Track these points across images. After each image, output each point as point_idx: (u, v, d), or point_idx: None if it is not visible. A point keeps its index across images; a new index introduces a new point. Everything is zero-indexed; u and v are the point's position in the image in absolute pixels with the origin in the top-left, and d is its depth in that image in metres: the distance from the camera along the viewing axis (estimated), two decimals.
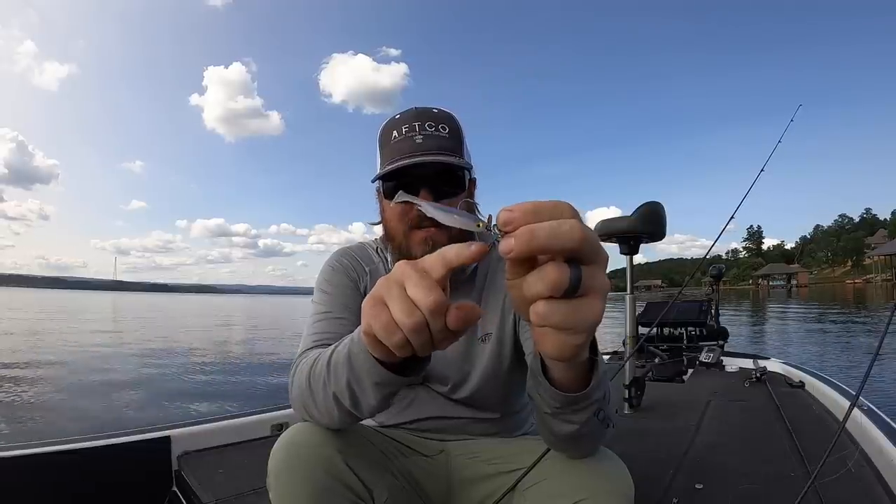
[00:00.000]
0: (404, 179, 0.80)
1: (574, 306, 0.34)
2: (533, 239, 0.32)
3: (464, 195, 0.84)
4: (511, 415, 0.92)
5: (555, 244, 0.32)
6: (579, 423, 0.56)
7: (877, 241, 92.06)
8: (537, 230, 0.32)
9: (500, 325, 0.85)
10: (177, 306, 41.60)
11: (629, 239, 2.06)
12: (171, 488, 1.46)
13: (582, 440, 0.62)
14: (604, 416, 0.56)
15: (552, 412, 0.55)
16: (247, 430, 1.70)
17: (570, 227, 0.32)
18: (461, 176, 0.83)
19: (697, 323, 3.58)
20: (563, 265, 0.33)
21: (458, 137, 0.84)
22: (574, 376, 0.51)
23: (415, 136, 0.80)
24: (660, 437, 1.75)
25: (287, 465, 0.65)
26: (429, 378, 0.87)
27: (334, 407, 0.61)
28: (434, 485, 0.82)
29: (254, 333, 15.04)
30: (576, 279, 0.33)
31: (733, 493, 1.28)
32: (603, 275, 0.35)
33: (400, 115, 0.84)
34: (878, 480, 1.30)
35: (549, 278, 0.33)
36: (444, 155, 0.79)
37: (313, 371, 0.63)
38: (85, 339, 11.76)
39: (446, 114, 0.84)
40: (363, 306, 0.43)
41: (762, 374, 2.56)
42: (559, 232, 0.32)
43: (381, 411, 0.61)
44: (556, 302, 0.33)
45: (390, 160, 0.80)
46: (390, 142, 0.81)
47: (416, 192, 0.78)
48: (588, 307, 0.34)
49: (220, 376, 6.71)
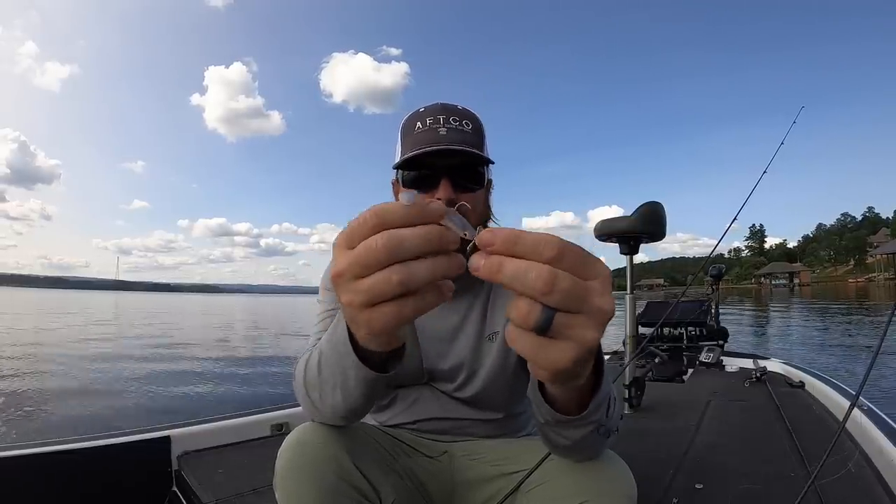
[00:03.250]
0: (425, 171, 0.80)
1: (541, 344, 0.33)
2: (498, 273, 0.31)
3: (482, 192, 0.84)
4: (514, 416, 0.92)
5: (516, 286, 0.31)
6: (573, 440, 0.56)
7: (879, 240, 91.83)
8: (505, 267, 0.31)
9: (507, 325, 0.85)
10: (179, 306, 41.67)
11: (629, 239, 2.06)
12: (171, 488, 1.46)
13: (578, 451, 0.62)
14: (605, 431, 0.56)
15: (546, 423, 0.55)
16: (247, 430, 1.71)
17: (537, 275, 0.30)
18: (481, 172, 0.83)
19: (697, 323, 3.58)
20: (535, 304, 0.31)
21: (481, 136, 0.84)
22: (571, 397, 0.50)
23: (439, 128, 0.79)
24: (660, 437, 1.75)
25: (294, 464, 0.65)
26: (434, 377, 0.87)
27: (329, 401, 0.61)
28: (438, 486, 0.82)
29: (255, 333, 15.05)
30: (544, 322, 0.31)
31: (733, 493, 1.28)
32: (587, 329, 0.32)
33: (425, 109, 0.83)
34: (878, 480, 1.30)
35: (517, 311, 0.32)
36: (468, 148, 0.79)
37: (308, 366, 0.63)
38: (85, 338, 11.79)
39: (471, 112, 0.84)
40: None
41: (762, 374, 2.56)
42: (523, 278, 0.31)
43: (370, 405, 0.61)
44: (524, 332, 0.33)
45: (412, 149, 0.79)
46: (413, 132, 0.81)
47: (437, 182, 0.78)
48: (553, 351, 0.33)
49: (220, 376, 6.72)
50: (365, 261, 0.33)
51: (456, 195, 0.78)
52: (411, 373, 0.86)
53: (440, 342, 0.85)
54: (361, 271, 0.33)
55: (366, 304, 0.34)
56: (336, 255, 0.35)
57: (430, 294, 0.35)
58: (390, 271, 0.33)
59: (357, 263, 0.33)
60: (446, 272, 0.34)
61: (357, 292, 0.34)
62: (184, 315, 25.45)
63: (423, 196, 0.33)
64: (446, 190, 0.78)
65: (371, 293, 0.34)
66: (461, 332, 0.86)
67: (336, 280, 0.35)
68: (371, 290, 0.33)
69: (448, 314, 0.86)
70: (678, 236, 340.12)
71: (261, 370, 7.31)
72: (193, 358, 8.53)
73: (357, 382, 0.54)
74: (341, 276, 0.35)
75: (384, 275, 0.33)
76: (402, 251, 0.32)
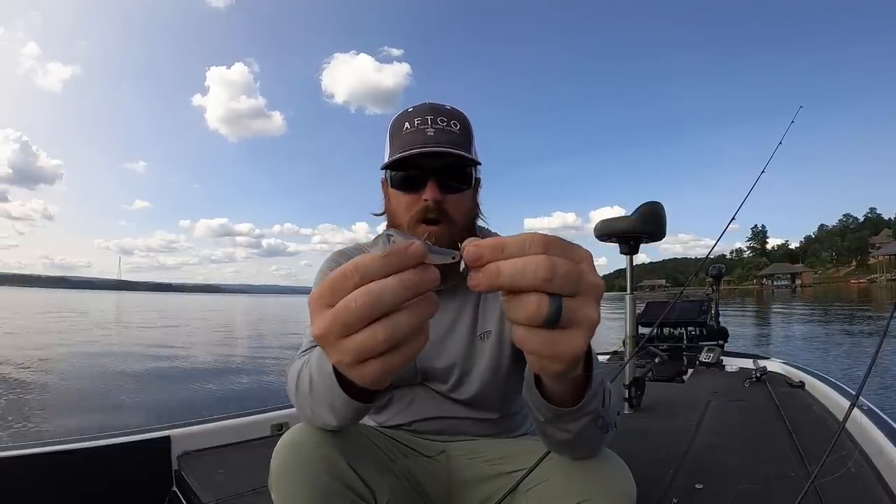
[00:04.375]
0: (412, 171, 0.81)
1: (552, 337, 0.33)
2: (499, 276, 0.32)
3: (469, 191, 0.85)
4: (510, 415, 0.92)
5: (519, 283, 0.32)
6: (574, 432, 0.56)
7: (881, 241, 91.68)
8: (503, 268, 0.32)
9: (499, 324, 0.86)
10: (181, 305, 41.71)
11: (629, 239, 2.05)
12: (171, 488, 1.46)
13: (579, 446, 0.62)
14: (602, 423, 0.57)
15: (545, 420, 0.55)
16: (247, 430, 1.71)
17: (536, 266, 0.31)
18: (468, 172, 0.84)
19: (697, 323, 3.57)
20: (542, 297, 0.32)
21: (469, 136, 0.84)
22: (567, 390, 0.51)
23: (426, 128, 0.80)
24: (660, 437, 1.75)
25: (289, 465, 0.65)
26: (428, 377, 0.87)
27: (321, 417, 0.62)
28: (435, 486, 0.82)
29: (256, 333, 15.06)
30: (554, 313, 0.32)
31: (733, 493, 1.27)
32: (589, 307, 0.34)
33: (413, 108, 0.84)
34: (878, 480, 1.29)
35: (526, 310, 0.32)
36: (455, 149, 0.80)
37: (300, 380, 0.64)
38: (86, 338, 11.80)
39: (459, 112, 0.85)
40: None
41: (762, 374, 2.56)
42: (524, 271, 0.32)
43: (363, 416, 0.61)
44: (535, 330, 0.33)
45: (400, 150, 0.80)
46: (401, 133, 0.82)
47: (424, 183, 0.79)
48: (567, 340, 0.33)
49: (221, 376, 6.72)
50: (347, 321, 0.32)
51: (442, 196, 0.79)
52: (405, 374, 0.86)
53: (433, 343, 0.86)
54: (345, 331, 0.33)
55: (356, 361, 0.34)
56: (315, 314, 0.35)
57: (416, 340, 0.34)
58: (374, 329, 0.32)
59: (339, 324, 0.33)
60: (429, 314, 0.34)
61: (345, 352, 0.34)
62: (185, 315, 25.47)
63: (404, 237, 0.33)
64: (433, 191, 0.79)
65: (359, 352, 0.33)
66: (453, 332, 0.86)
67: (321, 341, 0.35)
68: (359, 350, 0.33)
69: (440, 315, 0.86)
70: (680, 237, 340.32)
71: (261, 370, 7.32)
72: (194, 358, 8.54)
73: (346, 408, 0.55)
74: (326, 337, 0.34)
75: (369, 333, 0.32)
76: (383, 304, 0.32)
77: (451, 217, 0.81)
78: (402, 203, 0.82)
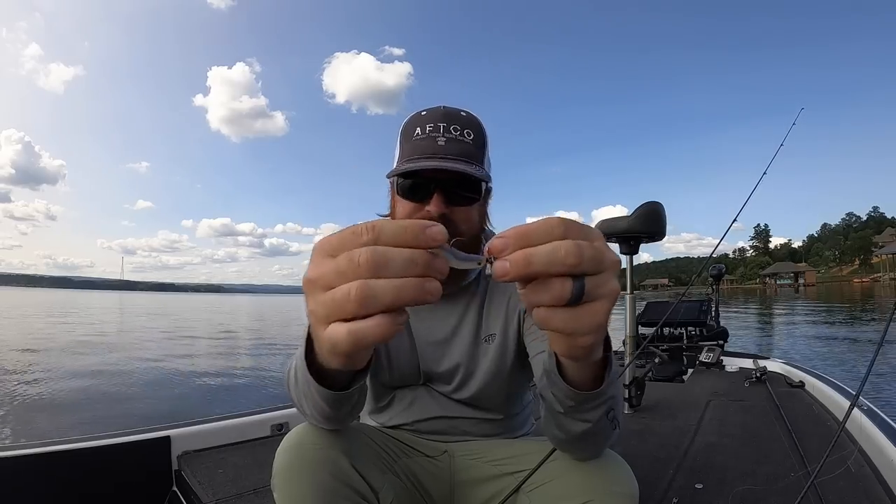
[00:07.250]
0: (419, 180, 0.79)
1: (576, 313, 0.33)
2: (530, 264, 0.32)
3: (478, 203, 0.82)
4: (512, 416, 0.92)
5: (552, 269, 0.32)
6: (592, 422, 0.56)
7: (884, 240, 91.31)
8: (534, 256, 0.32)
9: (504, 327, 0.85)
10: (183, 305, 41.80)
11: (629, 239, 2.06)
12: (172, 488, 1.47)
13: (591, 440, 0.62)
14: (613, 416, 0.57)
15: (565, 411, 0.55)
16: (247, 430, 1.71)
17: (566, 250, 0.32)
18: (478, 184, 0.81)
19: (697, 323, 3.57)
20: (566, 280, 0.32)
21: (483, 146, 0.82)
22: (588, 375, 0.50)
23: (438, 137, 0.78)
24: (660, 437, 1.75)
25: (292, 466, 0.65)
26: (431, 378, 0.87)
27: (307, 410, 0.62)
28: (437, 486, 0.82)
29: (258, 333, 15.09)
30: (578, 291, 0.32)
31: (733, 493, 1.27)
32: (610, 281, 0.34)
33: (427, 112, 0.82)
34: (878, 480, 1.29)
35: (551, 293, 0.32)
36: (464, 162, 0.77)
37: (290, 375, 0.63)
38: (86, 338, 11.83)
39: (474, 119, 0.82)
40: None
41: (762, 374, 2.56)
42: (553, 258, 0.32)
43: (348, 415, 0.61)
44: (558, 309, 0.33)
45: (409, 157, 0.78)
46: (412, 138, 0.80)
47: (430, 193, 0.77)
48: (591, 313, 0.34)
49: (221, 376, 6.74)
50: (344, 270, 0.31)
51: (448, 209, 0.77)
52: (408, 375, 0.86)
53: (437, 345, 0.86)
54: (335, 280, 0.32)
55: (325, 318, 0.33)
56: (314, 261, 0.34)
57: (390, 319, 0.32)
58: (350, 286, 0.31)
59: (334, 272, 0.32)
60: (414, 298, 0.31)
61: (320, 303, 0.33)
62: (187, 315, 25.52)
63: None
64: (437, 204, 0.76)
65: (331, 306, 0.32)
66: (457, 335, 0.86)
67: (307, 286, 0.34)
68: (331, 303, 0.32)
69: (444, 317, 0.86)
70: (683, 236, 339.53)
71: (262, 370, 7.33)
72: (194, 358, 8.56)
73: (321, 398, 0.54)
74: (314, 283, 0.33)
75: (345, 288, 0.31)
76: (387, 269, 0.31)
77: (457, 230, 0.78)
78: (407, 212, 0.80)
